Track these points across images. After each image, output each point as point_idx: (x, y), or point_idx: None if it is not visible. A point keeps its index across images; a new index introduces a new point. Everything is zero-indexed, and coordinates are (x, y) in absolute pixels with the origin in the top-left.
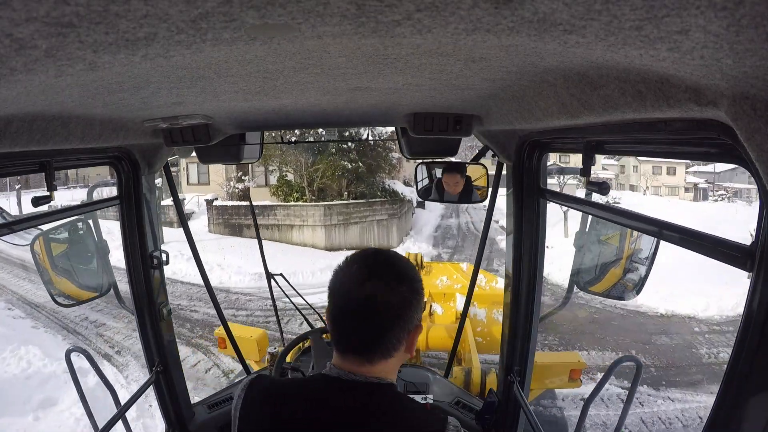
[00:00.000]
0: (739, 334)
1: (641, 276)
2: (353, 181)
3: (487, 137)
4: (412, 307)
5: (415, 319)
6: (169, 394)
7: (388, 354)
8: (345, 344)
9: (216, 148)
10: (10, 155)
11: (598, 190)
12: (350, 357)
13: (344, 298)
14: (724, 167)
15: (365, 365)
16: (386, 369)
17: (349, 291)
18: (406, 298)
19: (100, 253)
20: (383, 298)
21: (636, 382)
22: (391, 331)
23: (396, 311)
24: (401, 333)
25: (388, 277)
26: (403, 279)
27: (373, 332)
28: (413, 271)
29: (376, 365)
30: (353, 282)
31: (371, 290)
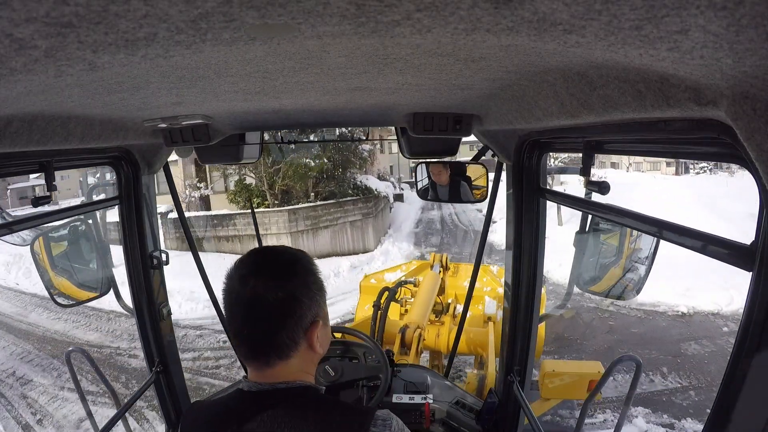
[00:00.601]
0: (739, 334)
1: (641, 276)
2: (321, 180)
3: (486, 137)
4: (302, 304)
5: (310, 315)
6: (169, 394)
7: (285, 355)
8: (240, 350)
9: (216, 148)
10: (10, 155)
11: (598, 189)
12: (250, 363)
13: (230, 302)
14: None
15: (265, 369)
16: (289, 371)
17: (234, 292)
18: (293, 294)
19: (100, 253)
20: (267, 297)
21: (636, 381)
22: (281, 330)
23: (282, 308)
24: (294, 332)
25: (273, 274)
26: (288, 273)
27: (261, 333)
28: (304, 265)
29: (275, 368)
30: (236, 282)
31: (252, 289)
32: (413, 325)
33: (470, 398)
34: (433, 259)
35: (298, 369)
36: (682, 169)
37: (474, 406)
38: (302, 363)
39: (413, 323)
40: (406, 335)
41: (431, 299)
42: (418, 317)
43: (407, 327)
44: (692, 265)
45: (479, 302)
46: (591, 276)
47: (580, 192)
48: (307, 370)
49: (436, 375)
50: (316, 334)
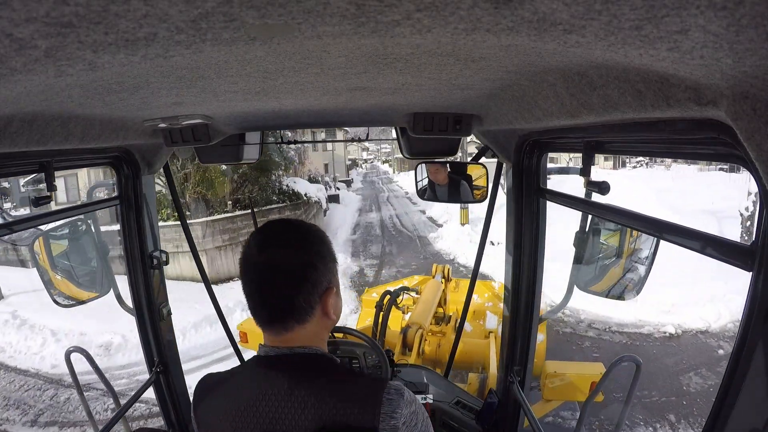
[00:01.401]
0: (739, 334)
1: (641, 276)
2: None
3: (487, 137)
4: (318, 270)
5: (325, 281)
6: (169, 394)
7: (302, 319)
8: (258, 316)
9: (216, 148)
10: (9, 155)
11: (598, 189)
12: (267, 329)
13: (247, 268)
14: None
15: (283, 334)
16: (306, 335)
17: (250, 260)
18: (308, 260)
19: (100, 253)
20: (283, 262)
21: (635, 381)
22: (298, 294)
23: (299, 274)
24: (310, 296)
25: (288, 242)
26: (304, 242)
27: (279, 297)
28: (317, 235)
29: (293, 332)
30: (254, 250)
31: (271, 255)
32: (415, 326)
33: (470, 398)
34: (435, 270)
35: (313, 335)
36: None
37: (474, 406)
38: (317, 329)
39: (415, 324)
40: (408, 335)
41: (433, 304)
42: (420, 318)
43: (409, 327)
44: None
45: (481, 317)
46: (591, 276)
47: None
48: (322, 336)
49: (436, 375)
50: (330, 300)
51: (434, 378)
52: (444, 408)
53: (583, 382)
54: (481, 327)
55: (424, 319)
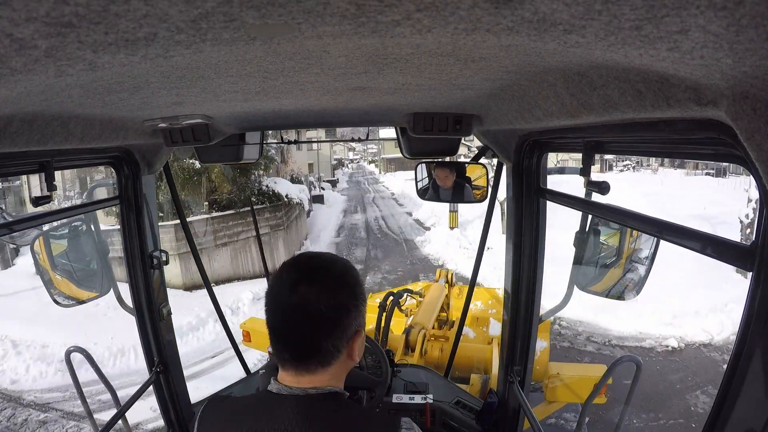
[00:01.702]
0: (739, 334)
1: (641, 276)
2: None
3: (487, 137)
4: (351, 314)
5: (354, 325)
6: (169, 394)
7: (327, 362)
8: (281, 354)
9: (216, 148)
10: (9, 155)
11: (598, 189)
12: (288, 368)
13: (276, 306)
14: None
15: (304, 375)
16: (327, 378)
17: (280, 298)
18: (342, 303)
19: (100, 253)
20: (316, 304)
21: (635, 381)
22: (327, 339)
23: (331, 317)
24: (339, 340)
25: (322, 282)
26: (339, 283)
27: (308, 340)
28: (352, 275)
29: (315, 374)
30: (285, 288)
31: (303, 296)
32: (418, 326)
33: (470, 398)
34: (438, 275)
35: (333, 376)
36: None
37: (474, 406)
38: (339, 371)
39: (418, 324)
40: (411, 335)
41: (436, 306)
42: (423, 319)
43: (412, 327)
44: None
45: (484, 324)
46: (591, 276)
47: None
48: (340, 377)
49: (436, 375)
50: (357, 343)
51: (434, 378)
52: (444, 408)
53: (586, 384)
54: (484, 333)
55: (427, 321)
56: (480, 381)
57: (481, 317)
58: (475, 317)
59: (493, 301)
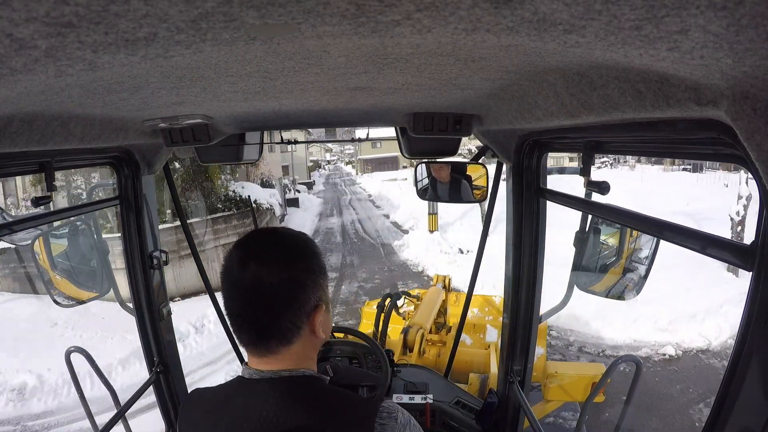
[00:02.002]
0: (739, 334)
1: (641, 276)
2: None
3: (487, 137)
4: (307, 288)
5: (313, 298)
6: (169, 394)
7: (288, 340)
8: (240, 337)
9: (216, 148)
10: (10, 155)
11: (598, 189)
12: (251, 350)
13: (228, 285)
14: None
15: (267, 356)
16: (292, 357)
17: (232, 276)
18: (296, 277)
19: (100, 253)
20: (268, 280)
21: (636, 381)
22: (284, 315)
23: (285, 293)
24: (297, 316)
25: (274, 256)
26: (293, 257)
27: (263, 319)
28: (308, 247)
29: (278, 354)
30: (235, 265)
31: (254, 273)
32: (416, 326)
33: (470, 398)
34: (436, 280)
35: (300, 355)
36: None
37: (474, 406)
38: (304, 349)
39: (416, 324)
40: (409, 335)
41: (434, 308)
42: (422, 320)
43: (410, 327)
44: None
45: (481, 331)
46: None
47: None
48: (310, 355)
49: (436, 375)
50: (319, 318)
51: (434, 378)
52: (444, 408)
53: (584, 382)
54: (481, 340)
55: (425, 321)
56: (478, 380)
57: (478, 324)
58: (472, 324)
59: (489, 308)
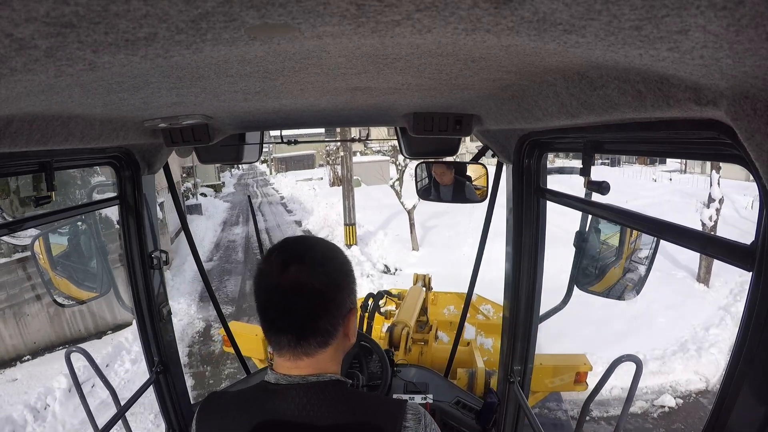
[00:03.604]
0: (739, 334)
1: (641, 276)
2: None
3: (486, 137)
4: (343, 290)
5: (348, 302)
6: (169, 394)
7: (325, 342)
8: (278, 339)
9: (216, 148)
10: (10, 155)
11: (598, 189)
12: (286, 353)
13: (268, 289)
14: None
15: (303, 359)
16: (325, 360)
17: (272, 279)
18: (333, 279)
19: (100, 253)
20: (309, 282)
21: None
22: (323, 316)
23: (325, 294)
24: (335, 318)
25: (311, 260)
26: (330, 261)
27: (305, 319)
28: (339, 253)
29: (314, 356)
30: (275, 271)
31: (295, 275)
32: (401, 324)
33: (470, 398)
34: (416, 279)
35: (332, 358)
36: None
37: (474, 406)
38: (336, 352)
39: (401, 323)
40: (394, 333)
41: (417, 305)
42: (406, 317)
43: (395, 325)
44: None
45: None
46: (590, 276)
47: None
48: (338, 359)
49: (436, 375)
50: (353, 321)
51: (434, 378)
52: (444, 408)
53: (569, 373)
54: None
55: (409, 319)
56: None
57: (455, 321)
58: (448, 321)
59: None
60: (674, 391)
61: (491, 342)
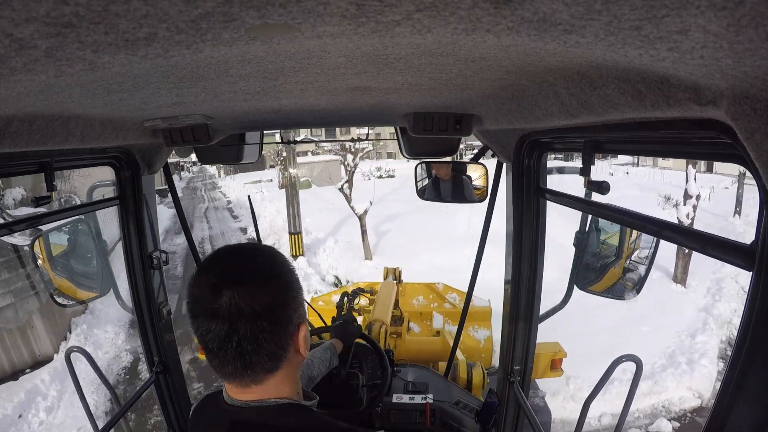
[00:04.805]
0: (739, 334)
1: (641, 275)
2: None
3: (486, 137)
4: (289, 307)
5: (295, 318)
6: (169, 394)
7: (275, 367)
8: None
9: (216, 148)
10: (10, 155)
11: (598, 189)
12: (234, 381)
13: (203, 316)
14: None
15: (251, 387)
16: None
17: (204, 306)
18: (277, 299)
19: (100, 253)
20: (250, 306)
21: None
22: (270, 340)
23: (268, 317)
24: (282, 339)
25: (250, 281)
26: (270, 276)
27: (249, 346)
28: (281, 264)
29: (263, 383)
30: (207, 294)
31: (231, 299)
32: (378, 322)
33: (470, 398)
34: (386, 273)
35: (286, 378)
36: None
37: (474, 406)
38: (289, 371)
39: (378, 320)
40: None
41: (391, 301)
42: (381, 314)
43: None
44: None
45: (427, 318)
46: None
47: None
48: (293, 377)
49: (436, 375)
50: (302, 336)
51: (434, 378)
52: (444, 408)
53: (544, 361)
54: (428, 327)
55: (386, 316)
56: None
57: (424, 312)
58: (418, 312)
59: (433, 296)
60: (668, 412)
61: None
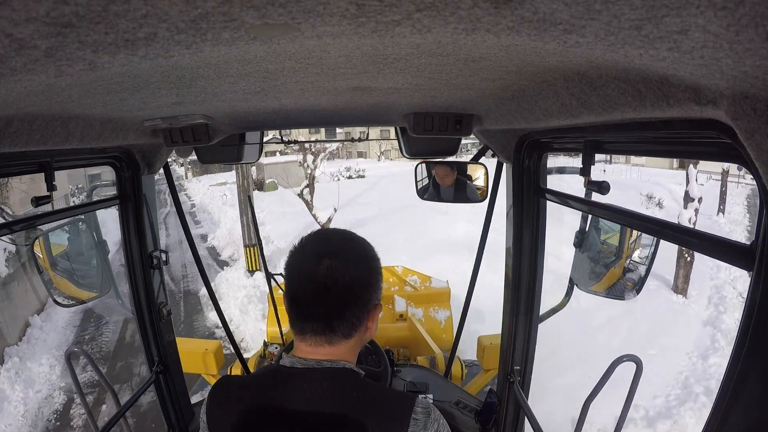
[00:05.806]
0: (739, 334)
1: (641, 275)
2: None
3: (486, 137)
4: (372, 287)
5: (374, 298)
6: (169, 394)
7: (349, 334)
8: (304, 325)
9: (216, 148)
10: (10, 155)
11: (598, 189)
12: (309, 338)
13: (301, 277)
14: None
15: (323, 347)
16: (345, 350)
17: (306, 269)
18: (365, 276)
19: (100, 253)
20: (343, 277)
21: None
22: (352, 308)
23: (356, 290)
24: (361, 312)
25: (348, 255)
26: (362, 257)
27: (334, 309)
28: (372, 250)
29: (335, 345)
30: (310, 260)
31: (330, 268)
32: None
33: (470, 398)
34: None
35: (351, 349)
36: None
37: (474, 406)
38: (356, 344)
39: None
40: None
41: None
42: None
43: None
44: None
45: (389, 302)
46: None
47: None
48: (356, 352)
49: (436, 375)
50: (376, 316)
51: (434, 378)
52: (444, 408)
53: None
54: (390, 311)
55: None
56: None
57: (385, 295)
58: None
59: (393, 279)
60: None
61: (421, 312)
